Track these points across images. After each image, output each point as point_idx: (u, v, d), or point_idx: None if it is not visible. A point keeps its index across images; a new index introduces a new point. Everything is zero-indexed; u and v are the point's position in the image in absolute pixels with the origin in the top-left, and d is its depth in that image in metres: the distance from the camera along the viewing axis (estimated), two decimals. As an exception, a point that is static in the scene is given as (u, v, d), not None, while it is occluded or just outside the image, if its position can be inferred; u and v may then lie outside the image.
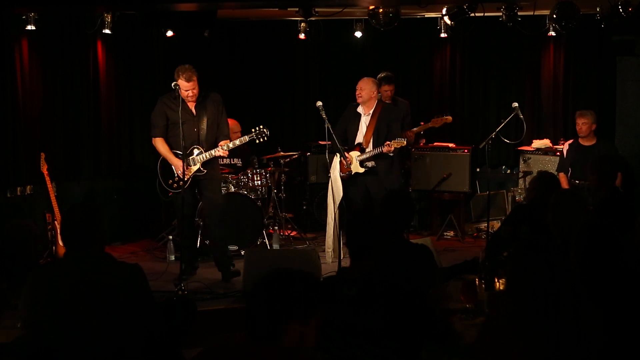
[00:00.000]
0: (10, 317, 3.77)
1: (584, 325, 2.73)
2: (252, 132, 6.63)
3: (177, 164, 6.51)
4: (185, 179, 6.43)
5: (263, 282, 2.49)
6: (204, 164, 6.57)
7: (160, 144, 6.60)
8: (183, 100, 6.48)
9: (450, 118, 8.17)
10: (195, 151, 6.55)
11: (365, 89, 7.09)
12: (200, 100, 6.57)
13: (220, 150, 6.55)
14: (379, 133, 7.09)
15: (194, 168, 6.55)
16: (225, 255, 6.78)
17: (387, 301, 3.17)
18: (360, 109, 7.18)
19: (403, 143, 6.94)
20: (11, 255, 4.37)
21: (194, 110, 6.57)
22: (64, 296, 3.33)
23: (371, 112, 7.14)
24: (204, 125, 6.57)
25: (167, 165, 6.63)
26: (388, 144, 6.89)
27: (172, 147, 6.59)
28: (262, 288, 2.47)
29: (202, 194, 6.75)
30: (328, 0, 7.60)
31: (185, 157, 6.39)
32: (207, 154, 6.54)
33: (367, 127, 7.14)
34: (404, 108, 8.25)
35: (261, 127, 6.64)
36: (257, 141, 6.71)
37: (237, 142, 6.63)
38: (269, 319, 2.41)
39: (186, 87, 6.40)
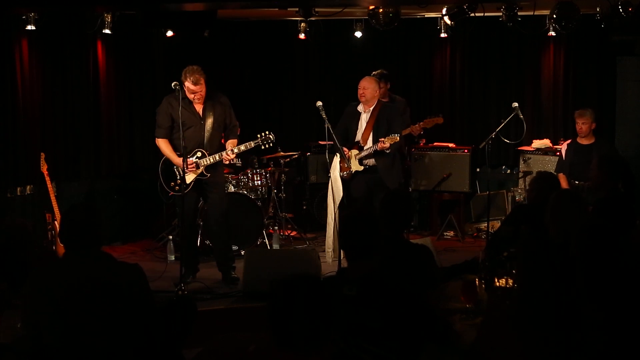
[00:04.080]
0: (10, 317, 3.77)
1: (584, 325, 2.73)
2: (258, 137, 6.53)
3: (179, 163, 6.34)
4: (188, 181, 6.34)
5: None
6: (208, 167, 6.46)
7: (163, 145, 6.45)
8: (189, 101, 6.39)
9: (441, 119, 8.00)
10: (199, 154, 6.42)
11: (369, 87, 7.04)
12: (207, 102, 6.46)
13: (226, 154, 6.43)
14: (378, 130, 7.02)
15: (197, 172, 6.42)
16: (226, 257, 6.71)
17: (387, 301, 3.17)
18: (360, 107, 7.13)
19: (396, 139, 6.78)
20: (8, 255, 4.37)
21: (200, 112, 6.45)
22: (63, 296, 3.33)
23: (371, 109, 7.09)
24: (209, 127, 6.45)
25: (169, 166, 6.50)
26: (382, 141, 6.78)
27: (176, 149, 6.44)
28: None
29: (206, 197, 6.64)
30: (328, 0, 7.60)
31: (186, 159, 6.25)
32: (210, 157, 6.42)
33: (366, 124, 7.08)
34: (401, 106, 8.24)
35: (267, 132, 6.54)
36: (263, 147, 6.63)
37: (243, 147, 6.49)
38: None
39: (193, 90, 6.31)
